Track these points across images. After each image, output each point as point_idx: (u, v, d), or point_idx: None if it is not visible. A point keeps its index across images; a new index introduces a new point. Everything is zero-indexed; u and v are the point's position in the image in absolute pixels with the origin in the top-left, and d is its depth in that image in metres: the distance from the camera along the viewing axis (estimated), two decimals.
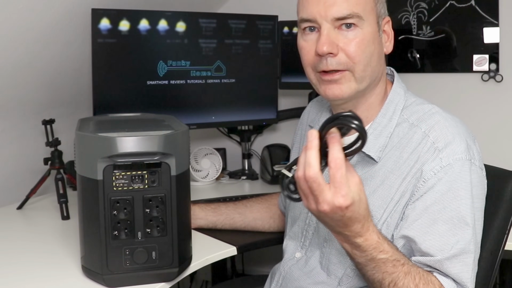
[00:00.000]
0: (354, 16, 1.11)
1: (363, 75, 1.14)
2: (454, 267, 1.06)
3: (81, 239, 1.24)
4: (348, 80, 1.14)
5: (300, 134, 1.42)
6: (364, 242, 0.98)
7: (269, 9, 2.26)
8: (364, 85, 1.16)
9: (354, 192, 0.93)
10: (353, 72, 1.14)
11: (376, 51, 1.15)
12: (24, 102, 1.90)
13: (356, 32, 1.12)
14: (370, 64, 1.14)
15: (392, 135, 1.16)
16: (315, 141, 0.92)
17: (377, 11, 1.16)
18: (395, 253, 1.03)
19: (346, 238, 0.99)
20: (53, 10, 1.69)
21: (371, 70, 1.15)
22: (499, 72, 2.07)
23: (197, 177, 2.17)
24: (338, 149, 0.91)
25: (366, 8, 1.13)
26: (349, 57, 1.13)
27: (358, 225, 0.96)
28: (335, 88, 1.15)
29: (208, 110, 2.11)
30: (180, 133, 1.23)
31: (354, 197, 0.92)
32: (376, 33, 1.15)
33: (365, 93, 1.18)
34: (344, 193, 0.91)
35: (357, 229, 0.97)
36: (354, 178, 0.94)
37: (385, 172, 1.14)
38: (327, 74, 1.14)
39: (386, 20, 1.19)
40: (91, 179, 1.16)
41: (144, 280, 1.20)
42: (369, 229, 0.98)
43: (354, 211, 0.93)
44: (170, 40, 1.99)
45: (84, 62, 1.95)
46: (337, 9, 1.11)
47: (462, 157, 1.08)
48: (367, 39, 1.13)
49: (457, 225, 1.06)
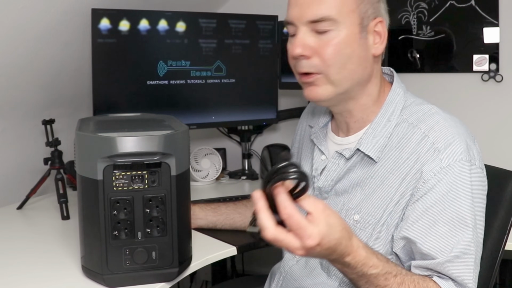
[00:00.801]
0: (327, 20, 1.11)
1: (339, 78, 1.13)
2: (455, 269, 1.06)
3: (81, 239, 1.24)
4: (323, 83, 1.14)
5: (300, 134, 1.42)
6: (352, 259, 0.98)
7: (269, 9, 2.26)
8: (343, 88, 1.15)
9: (319, 225, 0.90)
10: (327, 75, 1.13)
11: (356, 53, 1.13)
12: (24, 102, 1.90)
13: (330, 35, 1.11)
14: (346, 67, 1.13)
15: (392, 135, 1.16)
16: (260, 203, 0.91)
17: (360, 12, 1.13)
18: (386, 265, 1.02)
19: (334, 260, 0.99)
20: (53, 10, 1.69)
21: (348, 73, 1.14)
22: (499, 72, 2.07)
23: (197, 177, 2.17)
24: (283, 199, 0.89)
25: (343, 11, 1.11)
26: (322, 60, 1.12)
27: (340, 247, 0.95)
28: (312, 90, 1.16)
29: (208, 110, 2.11)
30: (180, 133, 1.23)
31: (321, 230, 0.90)
32: (356, 35, 1.13)
33: (351, 95, 1.17)
34: (308, 234, 0.89)
35: (342, 251, 0.96)
36: (315, 210, 0.91)
37: (384, 172, 1.14)
38: (304, 76, 1.16)
39: (378, 21, 1.15)
40: (91, 179, 1.16)
41: (144, 280, 1.20)
42: (354, 246, 0.97)
43: (329, 241, 0.92)
44: (170, 40, 1.99)
45: (84, 62, 1.95)
46: (311, 12, 1.11)
47: (462, 158, 1.08)
48: (342, 42, 1.12)
49: (457, 226, 1.06)
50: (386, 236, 1.12)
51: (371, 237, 1.14)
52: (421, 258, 1.09)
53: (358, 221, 1.16)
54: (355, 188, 1.18)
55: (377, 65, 1.20)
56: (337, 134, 1.26)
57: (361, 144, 1.17)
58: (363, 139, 1.18)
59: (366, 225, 1.15)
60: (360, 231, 1.15)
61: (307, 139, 1.35)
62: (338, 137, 1.25)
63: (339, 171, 1.21)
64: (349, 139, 1.22)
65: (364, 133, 1.18)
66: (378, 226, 1.13)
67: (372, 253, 1.01)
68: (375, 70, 1.19)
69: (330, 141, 1.27)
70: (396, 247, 1.12)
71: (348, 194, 1.19)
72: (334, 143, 1.26)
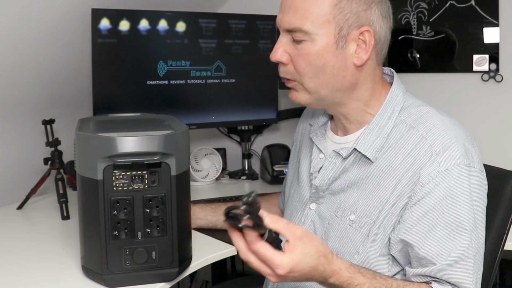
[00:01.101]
0: (299, 31, 1.11)
1: (312, 86, 1.15)
2: (455, 274, 1.06)
3: (81, 239, 1.24)
4: (300, 89, 1.18)
5: (301, 132, 1.42)
6: (336, 281, 1.00)
7: (269, 9, 2.25)
8: (320, 95, 1.16)
9: (292, 254, 0.94)
10: (301, 83, 1.16)
11: (330, 64, 1.12)
12: (24, 102, 1.90)
13: (303, 45, 1.13)
14: (319, 77, 1.13)
15: (389, 136, 1.16)
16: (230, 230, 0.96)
17: (339, 23, 1.10)
18: (374, 282, 1.03)
19: (319, 282, 1.01)
20: (53, 10, 1.69)
21: (322, 82, 1.14)
22: (499, 72, 2.07)
23: (197, 177, 2.17)
24: (250, 237, 0.93)
25: (317, 22, 1.10)
26: (295, 69, 1.15)
27: (317, 272, 0.97)
28: (293, 94, 1.20)
29: (208, 110, 2.11)
30: (180, 133, 1.23)
31: (293, 259, 0.93)
32: (331, 46, 1.11)
33: (335, 101, 1.18)
34: (276, 264, 0.93)
35: (322, 275, 0.98)
36: (293, 237, 0.94)
37: (380, 172, 1.14)
38: (285, 81, 1.20)
39: (364, 29, 1.11)
40: (91, 179, 1.16)
41: (144, 280, 1.20)
42: (336, 269, 0.99)
43: (302, 268, 0.95)
44: (170, 40, 1.99)
45: (84, 62, 1.95)
46: (286, 21, 1.13)
47: (460, 162, 1.08)
48: (314, 54, 1.12)
49: (455, 230, 1.06)
50: (382, 238, 1.12)
51: (367, 238, 1.13)
52: (417, 262, 1.09)
53: (354, 221, 1.16)
54: (352, 187, 1.18)
55: (364, 72, 1.16)
56: (336, 133, 1.26)
57: (358, 144, 1.17)
58: (360, 139, 1.18)
59: (361, 225, 1.14)
60: (356, 231, 1.15)
61: (307, 138, 1.35)
62: (337, 136, 1.25)
63: (335, 170, 1.21)
64: (347, 138, 1.22)
65: (362, 133, 1.18)
66: (375, 228, 1.13)
67: (357, 271, 1.02)
68: (362, 77, 1.16)
69: (329, 140, 1.27)
70: (393, 250, 1.12)
71: (344, 194, 1.19)
72: (332, 142, 1.26)
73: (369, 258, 1.13)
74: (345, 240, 1.16)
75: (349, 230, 1.16)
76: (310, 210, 1.25)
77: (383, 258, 1.13)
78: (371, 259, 1.13)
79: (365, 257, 1.13)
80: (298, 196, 1.31)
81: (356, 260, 1.13)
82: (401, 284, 1.07)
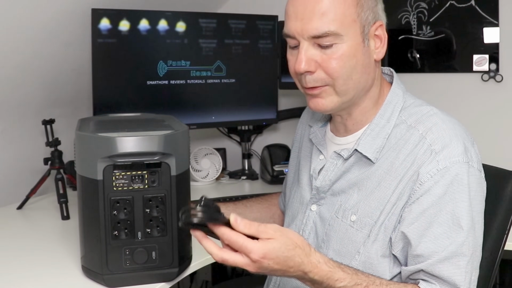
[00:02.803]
0: (330, 35, 1.09)
1: (345, 88, 1.13)
2: (446, 270, 1.05)
3: (81, 239, 1.24)
4: (329, 94, 1.14)
5: (300, 134, 1.42)
6: (315, 275, 1.01)
7: (269, 9, 2.26)
8: (348, 97, 1.15)
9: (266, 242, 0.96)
10: (333, 87, 1.13)
11: (360, 63, 1.13)
12: (24, 102, 1.90)
13: (334, 48, 1.10)
14: (352, 78, 1.13)
15: (390, 136, 1.16)
16: (198, 235, 1.01)
17: (362, 20, 1.11)
18: (355, 277, 1.03)
19: (298, 276, 1.02)
20: (53, 10, 1.69)
21: (353, 83, 1.14)
22: (499, 72, 2.07)
23: (197, 177, 2.17)
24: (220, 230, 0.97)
25: (345, 22, 1.10)
26: (328, 73, 1.12)
27: (293, 263, 0.99)
28: (318, 102, 1.16)
29: (208, 110, 2.11)
30: (180, 133, 1.23)
31: (266, 245, 0.96)
32: (359, 44, 1.12)
33: (354, 102, 1.17)
34: (249, 249, 0.95)
35: (300, 267, 0.99)
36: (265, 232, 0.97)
37: (382, 173, 1.14)
38: (309, 89, 1.15)
39: (378, 24, 1.14)
40: (91, 179, 1.16)
41: (144, 280, 1.20)
42: (314, 263, 1.00)
43: (276, 256, 0.97)
44: (170, 40, 1.99)
45: (84, 62, 1.95)
46: (313, 27, 1.09)
47: (459, 159, 1.08)
48: (347, 54, 1.11)
49: (452, 227, 1.06)
50: (384, 238, 1.12)
51: (368, 239, 1.13)
52: (413, 260, 1.08)
53: (355, 222, 1.15)
54: (352, 188, 1.18)
55: (378, 69, 1.20)
56: (336, 134, 1.26)
57: (359, 145, 1.17)
58: (361, 140, 1.17)
59: (363, 226, 1.14)
60: (357, 232, 1.15)
61: (307, 139, 1.35)
62: (337, 137, 1.25)
63: (337, 171, 1.21)
64: (347, 139, 1.22)
65: (362, 134, 1.18)
66: (376, 228, 1.13)
67: (336, 266, 1.03)
68: (377, 74, 1.19)
69: (328, 141, 1.27)
70: (395, 249, 1.11)
71: (345, 195, 1.19)
72: (332, 143, 1.26)
73: (370, 259, 1.13)
74: (346, 241, 1.16)
75: (350, 230, 1.16)
76: (311, 211, 1.25)
77: (385, 259, 1.13)
78: (372, 260, 1.13)
79: (366, 258, 1.13)
80: (298, 198, 1.31)
81: (357, 261, 1.13)
82: (384, 282, 1.07)
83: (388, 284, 1.07)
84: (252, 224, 0.97)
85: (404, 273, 1.11)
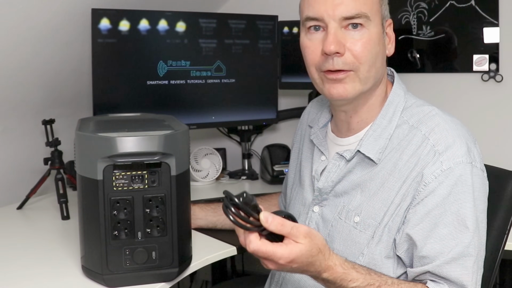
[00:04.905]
0: (362, 16, 1.11)
1: (368, 75, 1.14)
2: (454, 271, 1.06)
3: (81, 239, 1.24)
4: (353, 80, 1.13)
5: (300, 134, 1.42)
6: (330, 276, 1.00)
7: (269, 9, 2.26)
8: (368, 86, 1.15)
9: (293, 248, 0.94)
10: (357, 73, 1.13)
11: (381, 52, 1.16)
12: (24, 102, 1.90)
13: (363, 32, 1.12)
14: (375, 65, 1.14)
15: (392, 137, 1.16)
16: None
17: (382, 13, 1.16)
18: (368, 278, 1.03)
19: (313, 276, 1.02)
20: (53, 10, 1.69)
21: (375, 71, 1.15)
22: (499, 72, 2.07)
23: (197, 177, 2.17)
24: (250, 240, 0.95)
25: (373, 9, 1.13)
26: (356, 57, 1.12)
27: (315, 266, 0.98)
28: (340, 87, 1.14)
29: (208, 110, 2.11)
30: (180, 133, 1.23)
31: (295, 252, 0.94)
32: (381, 34, 1.15)
33: (366, 94, 1.17)
34: (278, 257, 0.94)
35: (317, 269, 0.99)
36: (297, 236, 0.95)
37: (385, 174, 1.14)
38: (332, 73, 1.13)
39: (389, 23, 1.19)
40: (91, 179, 1.16)
41: (144, 280, 1.20)
42: (331, 265, 1.00)
43: (301, 261, 0.96)
44: (170, 40, 1.99)
45: (84, 62, 1.95)
46: (345, 8, 1.10)
47: (462, 160, 1.08)
48: (373, 40, 1.13)
49: (457, 228, 1.06)
50: (387, 239, 1.12)
51: (372, 240, 1.13)
52: (419, 262, 1.08)
53: (359, 223, 1.15)
54: (355, 189, 1.18)
55: (386, 66, 1.22)
56: (337, 134, 1.26)
57: (362, 146, 1.17)
58: (363, 141, 1.17)
59: (366, 227, 1.14)
60: (361, 233, 1.15)
61: (307, 139, 1.35)
62: (339, 137, 1.25)
63: (339, 172, 1.21)
64: (349, 139, 1.22)
65: (365, 135, 1.18)
66: (379, 229, 1.13)
67: (351, 267, 1.02)
68: (384, 71, 1.21)
69: (330, 142, 1.27)
70: (399, 250, 1.11)
71: (348, 196, 1.19)
72: (334, 144, 1.25)
73: (374, 260, 1.13)
74: (349, 242, 1.16)
75: (353, 232, 1.16)
76: (314, 213, 1.25)
77: (389, 260, 1.12)
78: (376, 261, 1.13)
79: (370, 259, 1.13)
80: (300, 199, 1.30)
81: (361, 262, 1.13)
82: (395, 281, 1.07)
83: (400, 284, 1.07)
84: (284, 226, 0.94)
85: (410, 274, 1.11)
